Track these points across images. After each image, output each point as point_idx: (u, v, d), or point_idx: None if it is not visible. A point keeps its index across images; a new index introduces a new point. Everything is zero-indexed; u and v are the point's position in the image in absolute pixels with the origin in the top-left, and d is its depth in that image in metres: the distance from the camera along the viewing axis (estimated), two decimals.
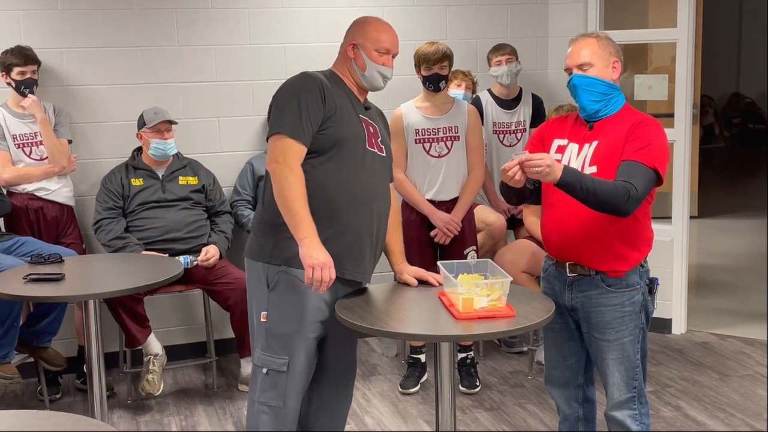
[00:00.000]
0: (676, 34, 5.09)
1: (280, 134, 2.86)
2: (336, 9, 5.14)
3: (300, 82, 2.94)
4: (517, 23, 5.48)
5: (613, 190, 2.77)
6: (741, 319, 5.50)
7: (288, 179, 2.82)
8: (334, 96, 2.94)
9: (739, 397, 4.33)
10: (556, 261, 3.08)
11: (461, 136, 4.45)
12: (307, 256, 2.76)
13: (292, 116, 2.86)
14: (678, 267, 5.22)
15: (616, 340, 3.00)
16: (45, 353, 4.40)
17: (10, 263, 3.94)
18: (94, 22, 4.73)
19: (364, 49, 3.01)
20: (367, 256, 3.01)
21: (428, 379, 4.60)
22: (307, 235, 2.78)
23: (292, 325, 2.95)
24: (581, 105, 2.98)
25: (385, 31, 3.05)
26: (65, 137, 4.56)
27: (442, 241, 4.44)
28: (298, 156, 2.86)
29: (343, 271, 2.94)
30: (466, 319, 2.71)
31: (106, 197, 4.54)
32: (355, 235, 2.95)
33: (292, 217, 2.80)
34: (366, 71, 3.01)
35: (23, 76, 4.40)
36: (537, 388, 4.48)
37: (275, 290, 2.95)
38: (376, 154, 3.03)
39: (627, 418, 3.05)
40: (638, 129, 2.89)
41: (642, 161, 2.83)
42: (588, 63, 2.95)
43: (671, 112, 5.18)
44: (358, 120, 2.99)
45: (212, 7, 4.91)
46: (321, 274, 2.75)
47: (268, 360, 2.97)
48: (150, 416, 4.31)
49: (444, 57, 4.34)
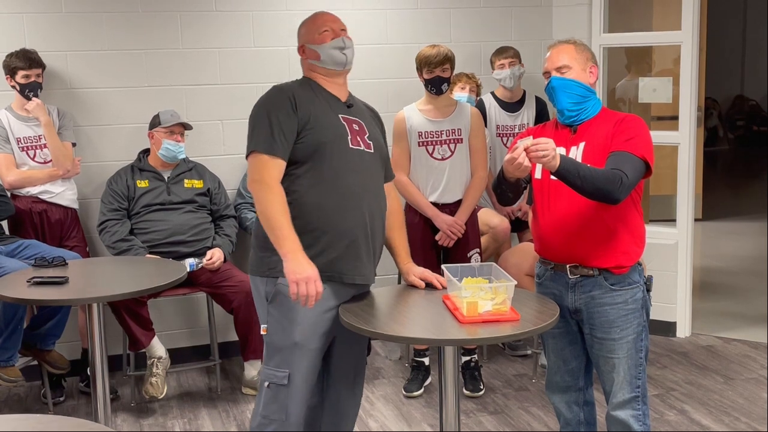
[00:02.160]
0: (681, 37, 5.08)
1: (254, 152, 2.87)
2: (340, 12, 5.06)
3: (269, 97, 2.95)
4: (520, 26, 5.48)
5: (608, 177, 2.82)
6: (746, 323, 5.49)
7: (266, 197, 2.82)
8: (306, 102, 2.93)
9: (744, 400, 4.32)
10: (555, 264, 3.07)
11: (464, 139, 4.44)
12: (291, 272, 2.76)
13: (264, 132, 2.86)
14: (682, 270, 5.21)
15: (621, 338, 3.01)
16: (49, 356, 4.40)
17: (14, 266, 3.94)
18: (98, 25, 4.74)
19: (308, 42, 3.04)
20: (364, 257, 2.98)
21: (432, 382, 4.59)
22: (289, 250, 2.77)
23: (291, 338, 2.92)
24: (560, 107, 3.03)
25: (317, 17, 3.10)
26: (69, 140, 4.56)
27: (445, 244, 4.44)
28: (275, 171, 2.85)
29: (342, 276, 2.93)
30: (470, 322, 2.70)
31: (111, 198, 4.55)
32: (349, 238, 2.92)
33: (274, 234, 2.80)
34: (322, 57, 3.01)
35: (28, 79, 4.41)
36: (541, 392, 4.47)
37: (273, 303, 2.94)
38: (363, 151, 2.99)
39: (630, 418, 3.05)
40: (623, 123, 2.98)
41: (630, 151, 2.90)
42: (566, 66, 3.02)
43: (675, 114, 5.17)
44: (338, 120, 2.97)
45: (217, 9, 4.91)
46: (306, 288, 2.75)
47: (270, 373, 2.96)
48: (153, 419, 4.31)
49: (445, 59, 4.34)
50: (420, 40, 5.01)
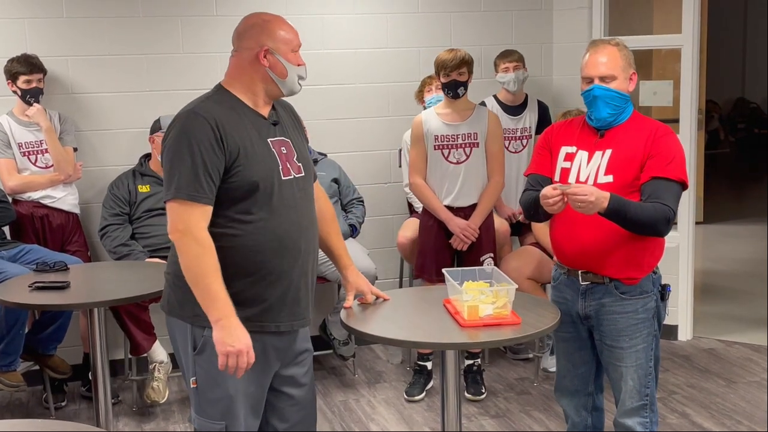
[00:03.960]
0: (681, 40, 5.09)
1: (177, 200, 2.47)
2: (341, 16, 5.15)
3: (187, 127, 2.49)
4: (521, 29, 5.48)
5: (654, 216, 2.81)
6: (747, 326, 5.48)
7: (192, 251, 2.45)
8: (233, 132, 2.50)
9: (746, 403, 4.31)
10: (568, 269, 3.05)
11: (480, 143, 4.44)
12: (221, 343, 2.44)
13: (186, 174, 2.45)
14: (684, 273, 5.21)
15: (630, 347, 2.99)
16: (50, 361, 4.40)
17: (16, 271, 3.94)
18: (99, 30, 4.74)
19: (279, 52, 2.60)
20: (302, 298, 2.67)
21: (434, 386, 4.59)
22: (221, 316, 2.44)
23: (226, 391, 2.57)
24: (598, 116, 2.94)
25: (290, 26, 2.68)
26: (71, 145, 4.56)
27: (459, 248, 4.43)
28: (201, 220, 2.47)
29: (279, 325, 2.62)
30: (471, 326, 2.70)
31: (112, 203, 4.55)
32: (287, 281, 2.60)
33: (202, 296, 2.46)
34: (288, 77, 2.62)
35: (29, 84, 4.41)
36: (543, 395, 4.46)
37: (203, 354, 2.57)
38: (294, 179, 2.62)
39: (637, 425, 3.04)
40: (659, 141, 2.89)
41: (672, 177, 2.86)
42: (611, 76, 2.91)
43: (676, 117, 5.17)
44: (267, 148, 2.57)
45: (217, 14, 4.92)
46: (237, 361, 2.46)
47: (205, 424, 2.62)
48: (155, 424, 4.31)
49: (462, 63, 4.33)
50: (421, 45, 5.01)
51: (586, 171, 2.95)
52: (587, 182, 2.92)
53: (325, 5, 5.11)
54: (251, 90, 2.63)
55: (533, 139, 5.05)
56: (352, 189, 4.95)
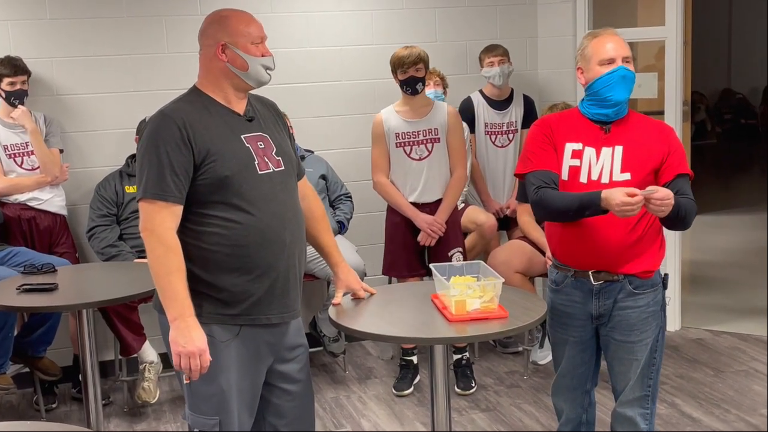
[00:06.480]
0: (665, 33, 5.10)
1: (144, 199, 2.51)
2: (326, 13, 5.15)
3: (155, 128, 2.53)
4: (506, 24, 5.49)
5: (691, 211, 2.89)
6: (735, 315, 5.52)
7: (155, 251, 2.49)
8: (202, 130, 2.54)
9: (734, 392, 4.34)
10: (576, 271, 2.98)
11: (441, 138, 4.46)
12: (175, 342, 2.47)
13: (153, 174, 2.49)
14: (672, 263, 5.24)
15: (640, 341, 2.99)
16: (40, 363, 4.40)
17: (3, 274, 3.93)
18: (83, 31, 4.73)
19: (237, 46, 2.60)
20: (291, 290, 2.68)
21: (422, 380, 4.60)
22: (177, 316, 2.47)
23: (218, 386, 2.59)
24: (618, 99, 2.86)
25: (251, 20, 2.67)
26: (56, 147, 4.55)
27: (426, 243, 4.46)
28: (169, 220, 2.50)
29: (270, 317, 2.64)
30: (458, 321, 2.72)
31: (99, 204, 4.55)
32: (274, 273, 2.61)
33: (162, 294, 2.50)
34: (249, 69, 2.61)
35: (13, 86, 4.40)
36: (533, 389, 4.49)
37: None
38: (273, 173, 2.63)
39: (638, 416, 3.03)
40: (673, 139, 2.95)
41: (687, 172, 2.95)
42: (630, 57, 2.90)
43: (661, 109, 5.20)
44: (241, 145, 2.59)
45: (201, 14, 4.89)
46: (190, 363, 2.47)
47: (198, 421, 2.63)
48: (146, 424, 4.31)
49: (418, 59, 4.35)
50: (405, 41, 5.00)
51: (597, 168, 2.89)
52: (601, 179, 2.87)
53: (310, 3, 5.11)
54: (219, 87, 2.65)
55: (519, 133, 5.07)
56: (340, 185, 4.96)
